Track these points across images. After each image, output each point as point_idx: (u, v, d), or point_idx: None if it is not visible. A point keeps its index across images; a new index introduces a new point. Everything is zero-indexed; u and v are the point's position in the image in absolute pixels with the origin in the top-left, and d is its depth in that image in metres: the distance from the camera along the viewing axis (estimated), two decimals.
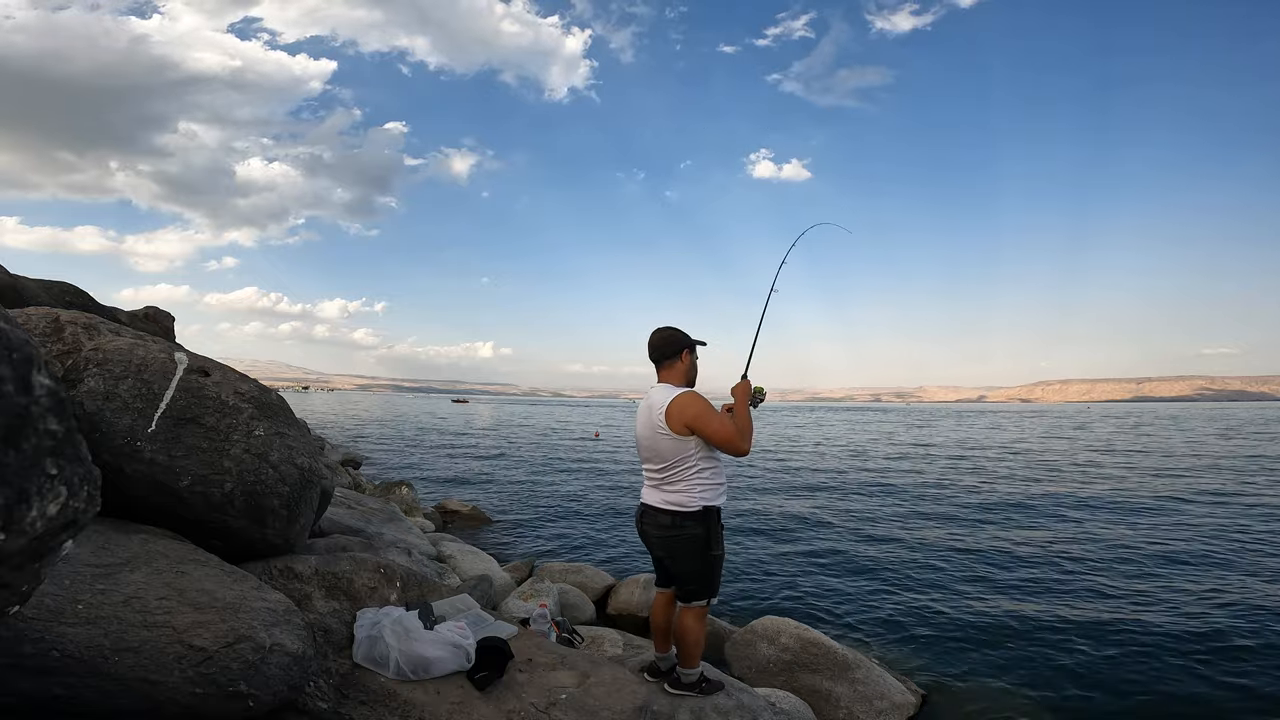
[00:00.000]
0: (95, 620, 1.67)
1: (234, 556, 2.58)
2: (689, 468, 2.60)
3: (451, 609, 2.98)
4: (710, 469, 2.63)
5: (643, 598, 5.23)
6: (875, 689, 3.71)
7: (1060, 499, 11.05)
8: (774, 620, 4.25)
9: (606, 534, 8.54)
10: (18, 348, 0.95)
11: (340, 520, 4.56)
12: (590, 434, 29.16)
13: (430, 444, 22.91)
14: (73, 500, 1.02)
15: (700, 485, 2.60)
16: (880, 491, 12.17)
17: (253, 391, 2.88)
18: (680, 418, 2.57)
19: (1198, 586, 5.94)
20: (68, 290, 5.22)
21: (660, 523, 2.65)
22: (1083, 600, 5.64)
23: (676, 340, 2.75)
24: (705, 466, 2.61)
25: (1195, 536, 7.99)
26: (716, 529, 2.61)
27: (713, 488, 2.63)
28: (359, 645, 2.45)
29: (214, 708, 1.71)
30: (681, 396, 2.62)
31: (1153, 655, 4.47)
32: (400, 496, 8.70)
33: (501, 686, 2.48)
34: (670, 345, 2.74)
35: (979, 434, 31.55)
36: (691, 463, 2.60)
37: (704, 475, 2.61)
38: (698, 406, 2.59)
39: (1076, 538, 8.02)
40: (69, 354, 2.52)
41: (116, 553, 2.04)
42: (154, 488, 2.46)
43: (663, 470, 2.65)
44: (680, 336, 2.76)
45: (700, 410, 2.58)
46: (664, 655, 2.91)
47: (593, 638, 3.94)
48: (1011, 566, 6.75)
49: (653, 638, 3.02)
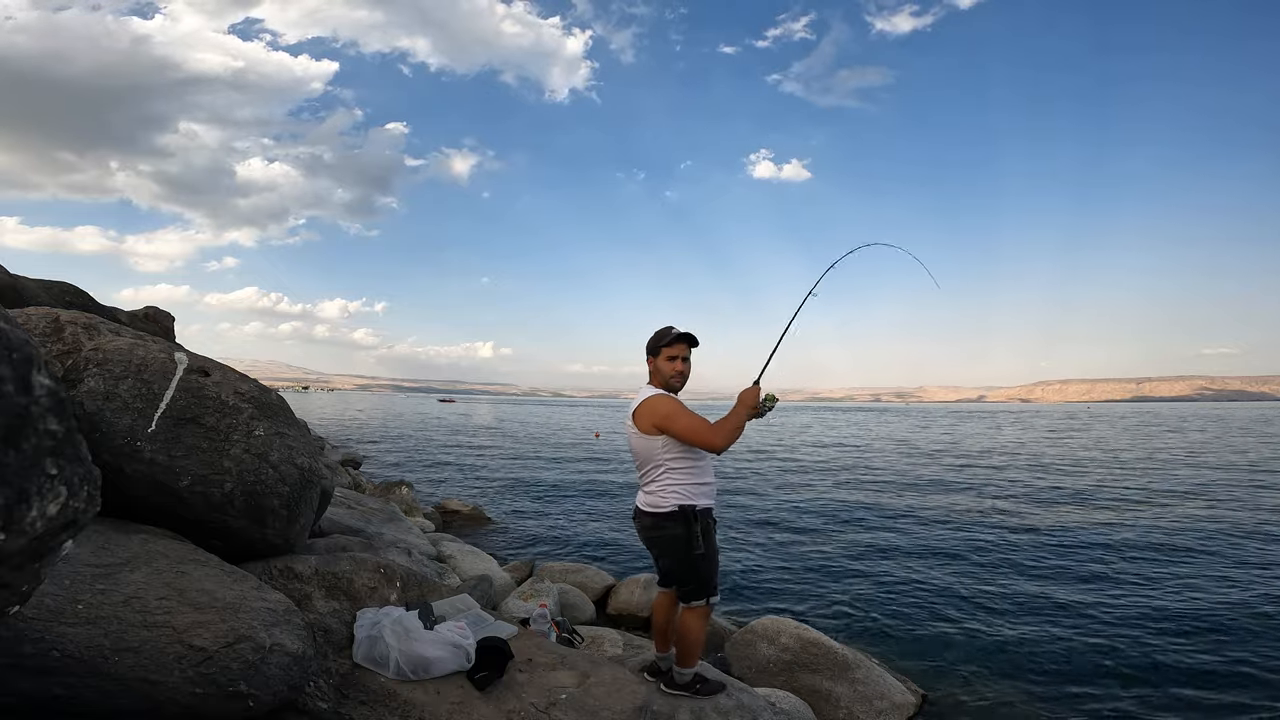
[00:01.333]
0: (95, 620, 1.67)
1: (234, 556, 2.58)
2: (658, 468, 2.64)
3: (451, 609, 2.98)
4: (685, 469, 2.62)
5: (643, 598, 5.23)
6: (875, 689, 3.70)
7: (1060, 499, 11.05)
8: (774, 620, 4.24)
9: (606, 534, 8.53)
10: (18, 348, 0.95)
11: (340, 520, 4.56)
12: (590, 434, 29.16)
13: (430, 444, 22.91)
14: (73, 500, 1.02)
15: (674, 485, 2.61)
16: (880, 492, 12.17)
17: (253, 391, 2.88)
18: (649, 419, 2.63)
19: (1199, 587, 5.94)
20: (68, 290, 5.22)
21: (643, 523, 2.72)
22: (1083, 600, 5.63)
23: (650, 343, 2.80)
24: (677, 467, 2.62)
25: (1196, 537, 7.99)
26: (696, 529, 2.59)
27: (690, 488, 2.62)
28: (359, 645, 2.45)
29: (214, 708, 1.71)
30: (650, 399, 2.66)
31: (1153, 655, 4.47)
32: (400, 496, 8.70)
33: (501, 686, 2.48)
34: (647, 348, 2.81)
35: (978, 434, 31.54)
36: (660, 463, 2.63)
37: (676, 475, 2.61)
38: (666, 407, 2.62)
39: (1076, 538, 8.02)
40: (69, 354, 2.52)
41: (116, 553, 2.04)
42: (154, 488, 2.46)
43: (639, 470, 2.74)
44: (653, 339, 2.79)
45: (668, 410, 2.61)
46: (664, 655, 2.90)
47: (593, 638, 3.94)
48: (1011, 566, 6.75)
49: (653, 637, 3.02)
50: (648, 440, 2.65)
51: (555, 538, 8.36)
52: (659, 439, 2.62)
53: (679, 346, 2.73)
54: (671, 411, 2.60)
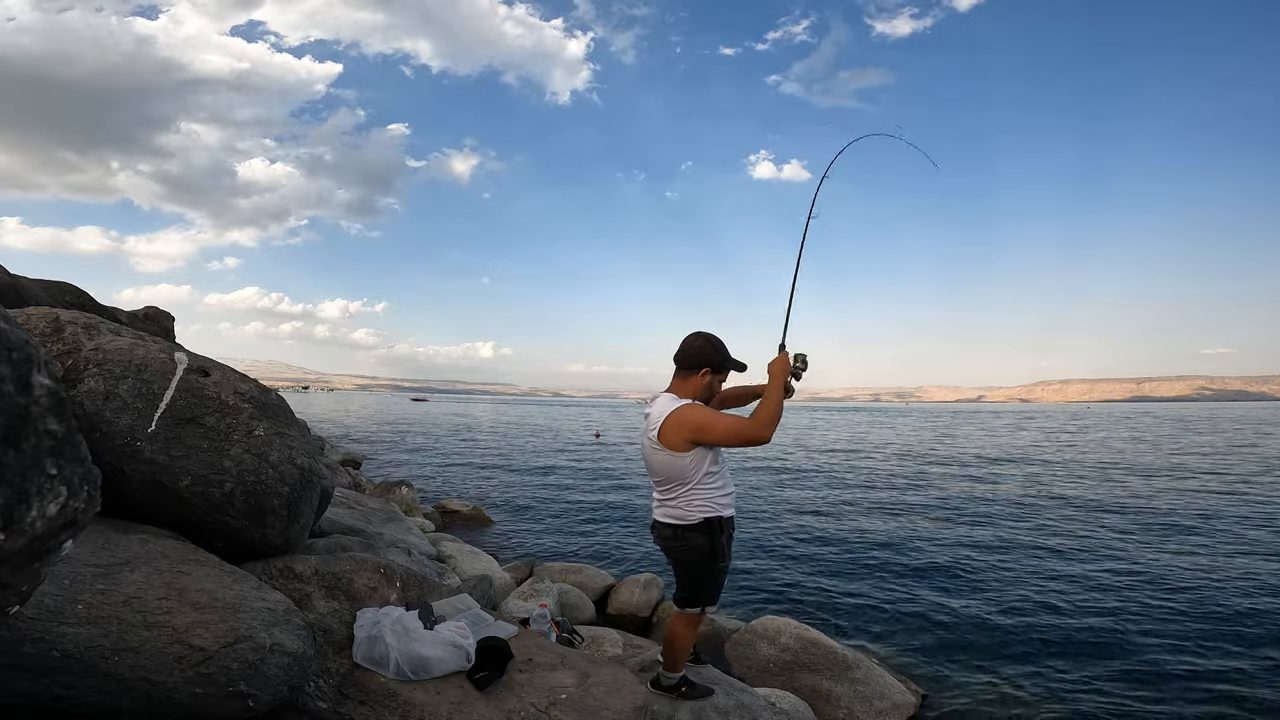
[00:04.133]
0: (95, 620, 1.67)
1: (234, 556, 2.58)
2: (684, 486, 2.45)
3: (451, 609, 2.98)
4: (710, 484, 2.46)
5: (643, 598, 5.23)
6: (875, 689, 3.71)
7: (1059, 500, 11.05)
8: (774, 620, 4.25)
9: (606, 534, 8.54)
10: (18, 348, 0.95)
11: (340, 520, 4.56)
12: (590, 434, 29.15)
13: (430, 444, 22.91)
14: (73, 500, 1.02)
15: (699, 499, 2.45)
16: (880, 492, 12.17)
17: (253, 391, 2.88)
18: (679, 434, 2.40)
19: (1199, 587, 5.94)
20: (67, 290, 5.21)
21: (663, 535, 2.57)
22: (1083, 600, 5.63)
23: (701, 355, 2.51)
24: (704, 484, 2.45)
25: (1198, 537, 7.99)
26: (720, 540, 2.47)
27: (715, 500, 2.47)
28: (359, 645, 2.44)
29: (214, 708, 1.71)
30: (680, 410, 2.42)
31: (1153, 654, 4.48)
32: (400, 496, 8.70)
33: (501, 686, 2.48)
34: (692, 358, 2.52)
35: (978, 434, 31.53)
36: (690, 482, 2.44)
37: (703, 491, 2.45)
38: (699, 417, 2.39)
39: (1077, 538, 8.02)
40: (69, 354, 2.52)
41: (116, 553, 2.04)
42: (154, 488, 2.46)
43: (659, 486, 2.55)
44: (708, 352, 2.52)
45: (702, 421, 2.39)
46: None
47: (593, 638, 3.93)
48: (1011, 566, 6.75)
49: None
50: (675, 459, 2.42)
51: (555, 538, 8.36)
52: (687, 456, 2.41)
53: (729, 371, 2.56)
54: (706, 421, 2.38)
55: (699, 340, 2.55)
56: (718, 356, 2.52)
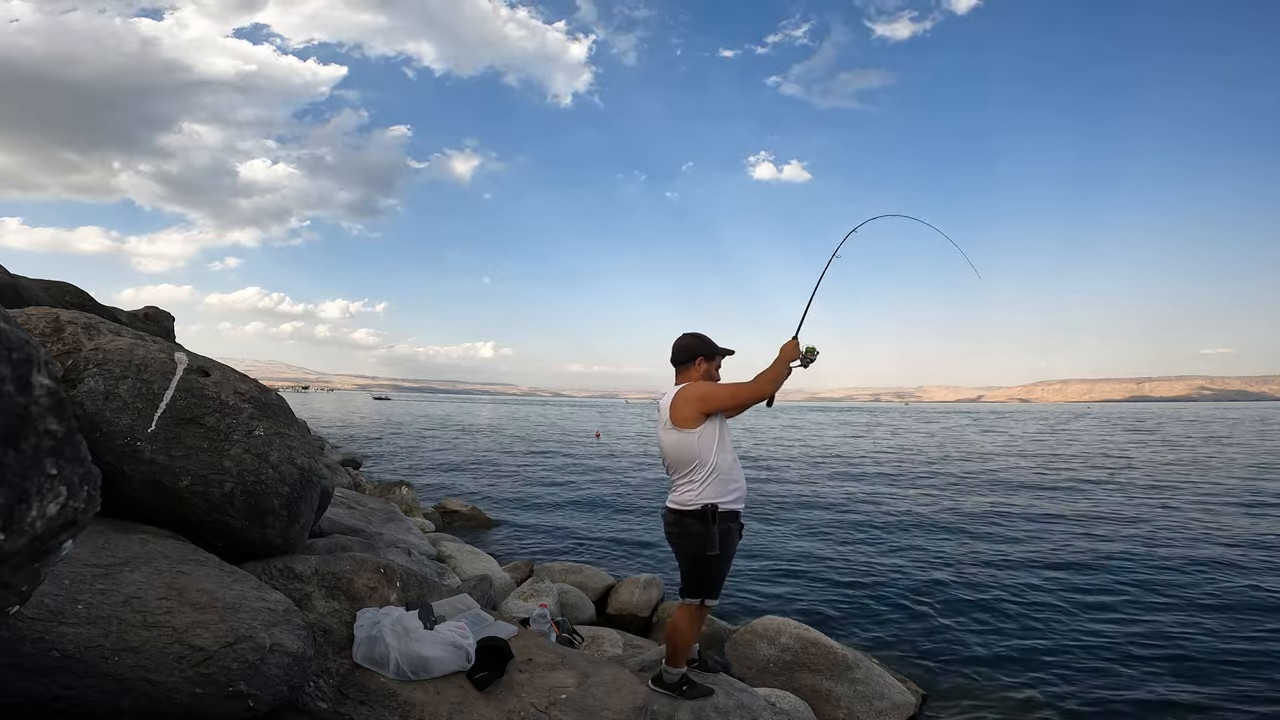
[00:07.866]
0: (95, 620, 1.67)
1: (234, 556, 2.58)
2: (694, 469, 2.63)
3: (451, 609, 2.98)
4: (717, 472, 2.62)
5: (643, 597, 5.23)
6: (875, 689, 3.70)
7: (1060, 501, 11.05)
8: (774, 620, 4.24)
9: (606, 534, 8.54)
10: (18, 348, 0.95)
11: (340, 520, 4.56)
12: (590, 434, 29.15)
13: (430, 444, 22.90)
14: (73, 500, 1.02)
15: (706, 487, 2.61)
16: (880, 492, 12.17)
17: (253, 391, 2.88)
18: (687, 407, 2.63)
19: (1200, 588, 5.94)
20: (68, 290, 5.21)
21: (668, 521, 2.74)
22: (1083, 600, 5.63)
23: (690, 348, 2.79)
24: (712, 470, 2.61)
25: (1198, 537, 7.98)
26: (714, 530, 2.57)
27: (720, 492, 2.62)
28: (359, 645, 2.44)
29: (214, 707, 1.71)
30: (685, 388, 2.69)
31: (1155, 655, 4.47)
32: (400, 496, 8.70)
33: (501, 686, 2.48)
34: (684, 353, 2.79)
35: (978, 434, 31.53)
36: (701, 464, 2.62)
37: (711, 480, 2.61)
38: (701, 388, 2.66)
39: (1077, 539, 8.02)
40: (69, 354, 2.52)
41: (116, 553, 2.04)
42: (154, 488, 2.46)
43: (674, 472, 2.72)
44: (696, 345, 2.79)
45: (703, 390, 2.65)
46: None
47: (593, 638, 3.93)
48: (1011, 567, 6.75)
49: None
50: (687, 436, 2.62)
51: (555, 538, 8.36)
52: (697, 432, 2.61)
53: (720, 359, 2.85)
54: (707, 390, 2.66)
55: (685, 337, 2.84)
56: (706, 346, 2.81)
